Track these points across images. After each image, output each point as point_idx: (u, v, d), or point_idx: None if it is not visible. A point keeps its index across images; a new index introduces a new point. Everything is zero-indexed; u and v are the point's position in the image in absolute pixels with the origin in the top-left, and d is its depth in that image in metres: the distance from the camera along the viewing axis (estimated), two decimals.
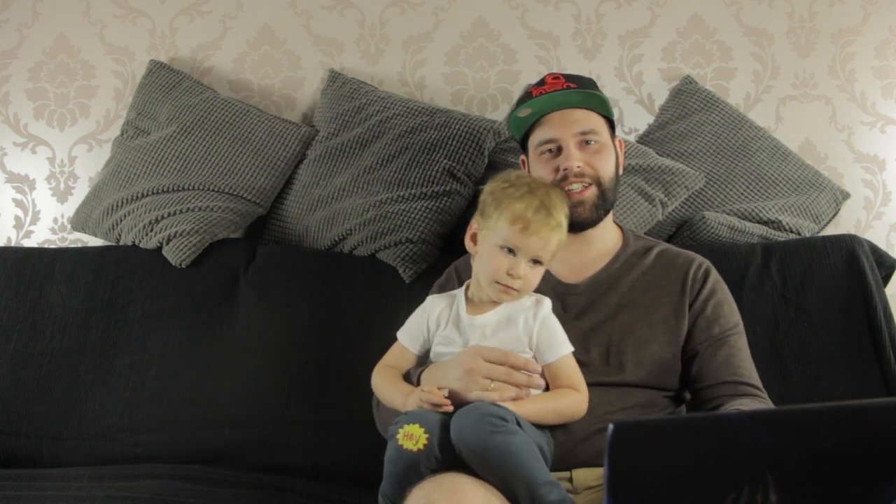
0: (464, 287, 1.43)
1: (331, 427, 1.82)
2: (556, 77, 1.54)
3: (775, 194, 2.05)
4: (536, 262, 1.34)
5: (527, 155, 1.59)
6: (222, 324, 1.95)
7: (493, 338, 1.34)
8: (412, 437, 1.18)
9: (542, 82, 1.56)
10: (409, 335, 1.43)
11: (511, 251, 1.33)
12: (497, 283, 1.33)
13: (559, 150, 1.50)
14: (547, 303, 1.38)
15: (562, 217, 1.35)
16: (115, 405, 1.87)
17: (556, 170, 1.49)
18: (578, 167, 1.47)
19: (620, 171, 1.58)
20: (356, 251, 2.01)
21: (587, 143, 1.50)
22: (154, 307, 1.97)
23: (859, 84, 2.19)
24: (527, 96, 1.58)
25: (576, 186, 1.47)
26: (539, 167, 1.53)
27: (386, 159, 2.06)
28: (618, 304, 1.48)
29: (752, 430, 0.78)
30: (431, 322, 1.40)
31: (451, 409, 1.25)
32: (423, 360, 1.44)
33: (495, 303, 1.37)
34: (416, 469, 1.18)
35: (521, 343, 1.33)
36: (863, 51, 2.19)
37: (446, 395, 1.27)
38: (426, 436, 1.18)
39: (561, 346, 1.35)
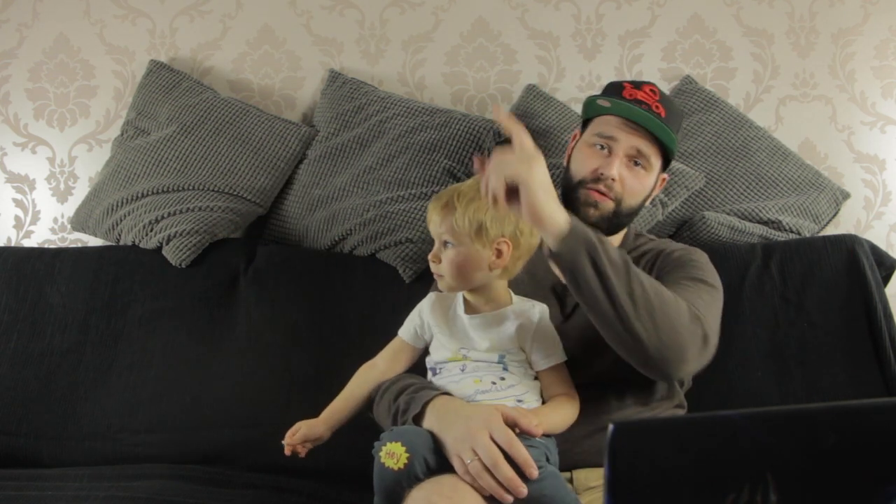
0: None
1: None
2: (653, 91, 1.55)
3: (775, 194, 2.05)
4: (446, 242, 1.35)
5: (581, 133, 1.61)
6: (222, 324, 1.95)
7: (486, 336, 1.34)
8: (393, 456, 1.18)
9: (638, 85, 1.56)
10: (405, 327, 1.45)
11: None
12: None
13: (609, 152, 1.52)
14: (543, 309, 1.39)
15: (454, 199, 1.34)
16: (115, 405, 1.87)
17: (595, 170, 1.51)
18: (613, 179, 1.50)
19: (648, 202, 1.60)
20: (356, 251, 2.01)
21: (636, 163, 1.52)
22: (154, 307, 1.97)
23: (859, 84, 2.19)
24: (617, 90, 1.57)
25: (601, 190, 1.50)
26: (583, 153, 1.55)
27: (386, 159, 2.06)
28: None
29: (752, 430, 0.78)
30: (425, 313, 1.40)
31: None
32: (423, 353, 1.44)
33: (493, 305, 1.38)
34: (399, 486, 1.19)
35: (512, 344, 1.34)
36: (863, 51, 2.18)
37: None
38: (407, 455, 1.18)
39: (556, 354, 1.36)
